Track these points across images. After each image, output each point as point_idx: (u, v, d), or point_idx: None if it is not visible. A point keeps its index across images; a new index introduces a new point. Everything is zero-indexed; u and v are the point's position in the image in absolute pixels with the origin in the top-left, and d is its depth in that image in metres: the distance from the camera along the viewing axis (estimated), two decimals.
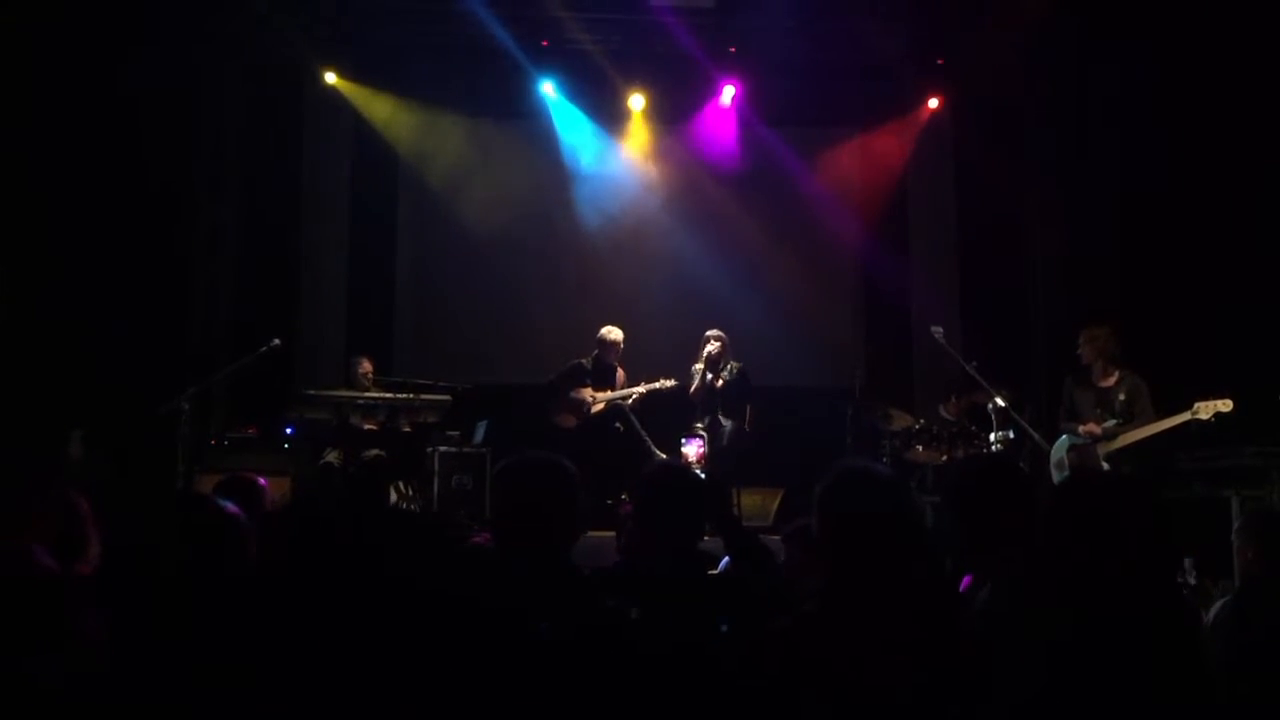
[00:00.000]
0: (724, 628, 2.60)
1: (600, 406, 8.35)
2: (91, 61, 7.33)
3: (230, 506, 2.37)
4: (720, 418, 8.20)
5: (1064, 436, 7.02)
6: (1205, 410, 6.36)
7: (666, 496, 2.96)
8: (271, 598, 2.15)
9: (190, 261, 8.72)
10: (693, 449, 8.00)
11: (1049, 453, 7.10)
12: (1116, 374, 6.88)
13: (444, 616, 2.35)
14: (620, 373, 8.51)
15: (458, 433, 8.63)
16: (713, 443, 8.08)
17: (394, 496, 8.43)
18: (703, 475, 5.79)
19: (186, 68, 8.38)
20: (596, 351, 8.47)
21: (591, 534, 5.77)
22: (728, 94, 10.02)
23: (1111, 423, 6.76)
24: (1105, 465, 6.70)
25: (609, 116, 10.27)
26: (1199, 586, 3.52)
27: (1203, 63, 7.76)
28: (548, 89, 10.01)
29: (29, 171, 7.02)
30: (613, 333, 8.46)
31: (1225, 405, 6.32)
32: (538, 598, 2.32)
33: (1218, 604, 3.35)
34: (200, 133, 8.76)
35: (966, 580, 3.00)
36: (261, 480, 3.79)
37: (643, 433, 8.20)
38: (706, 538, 3.19)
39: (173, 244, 8.35)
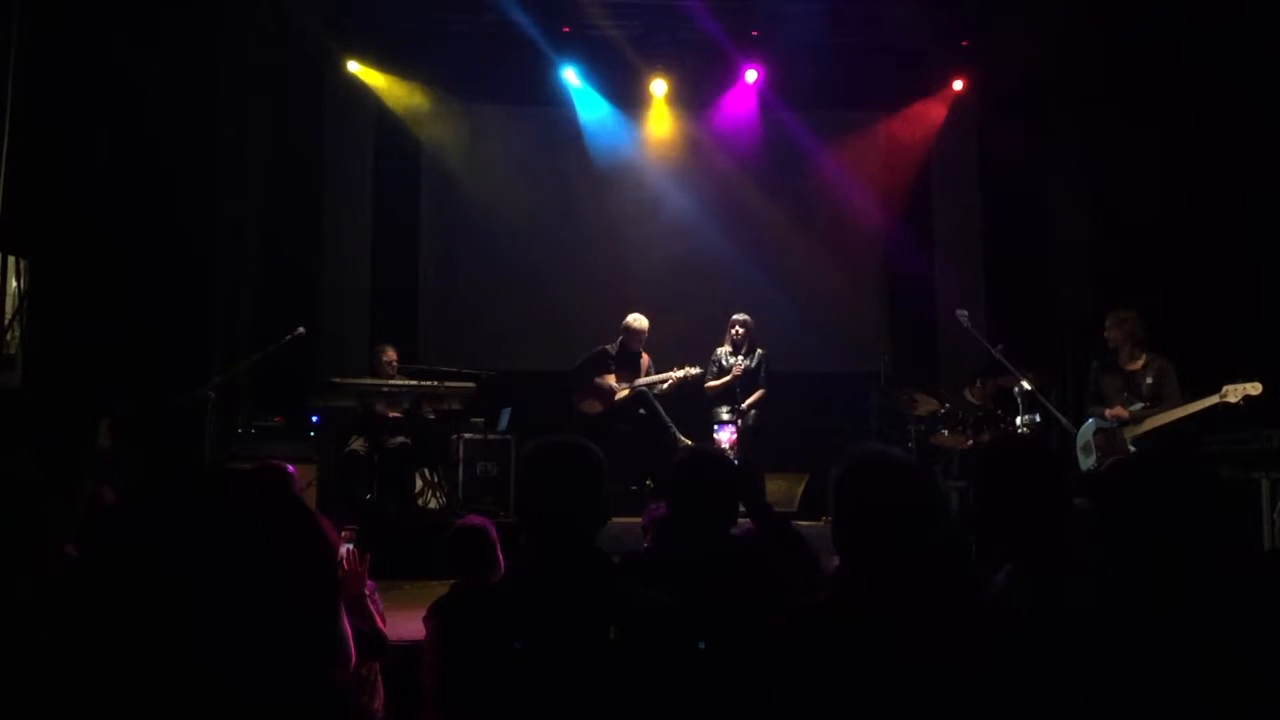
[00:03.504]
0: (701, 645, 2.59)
1: (624, 394, 8.36)
2: (112, 54, 7.36)
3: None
4: (743, 404, 8.24)
5: (1090, 420, 6.98)
6: (1234, 394, 6.31)
7: (700, 482, 2.96)
8: None
9: (215, 251, 8.75)
10: (726, 435, 8.03)
11: (1075, 437, 7.06)
12: (1144, 357, 6.83)
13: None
14: (645, 359, 8.52)
15: (482, 420, 8.67)
16: (737, 428, 8.12)
17: (419, 484, 8.48)
18: (735, 461, 5.80)
19: (208, 57, 8.39)
20: (621, 338, 8.48)
21: (616, 520, 5.78)
22: (751, 76, 9.98)
23: (1138, 406, 6.72)
24: (1132, 449, 6.66)
25: (631, 102, 10.25)
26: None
27: (1231, 42, 7.66)
28: (570, 75, 10.00)
29: (54, 165, 7.05)
30: (638, 320, 8.47)
31: (1254, 388, 6.26)
32: (566, 583, 2.32)
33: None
34: (222, 122, 8.78)
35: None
36: (290, 468, 3.81)
37: (667, 419, 8.21)
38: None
39: (197, 234, 8.37)
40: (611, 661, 2.22)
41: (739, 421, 8.15)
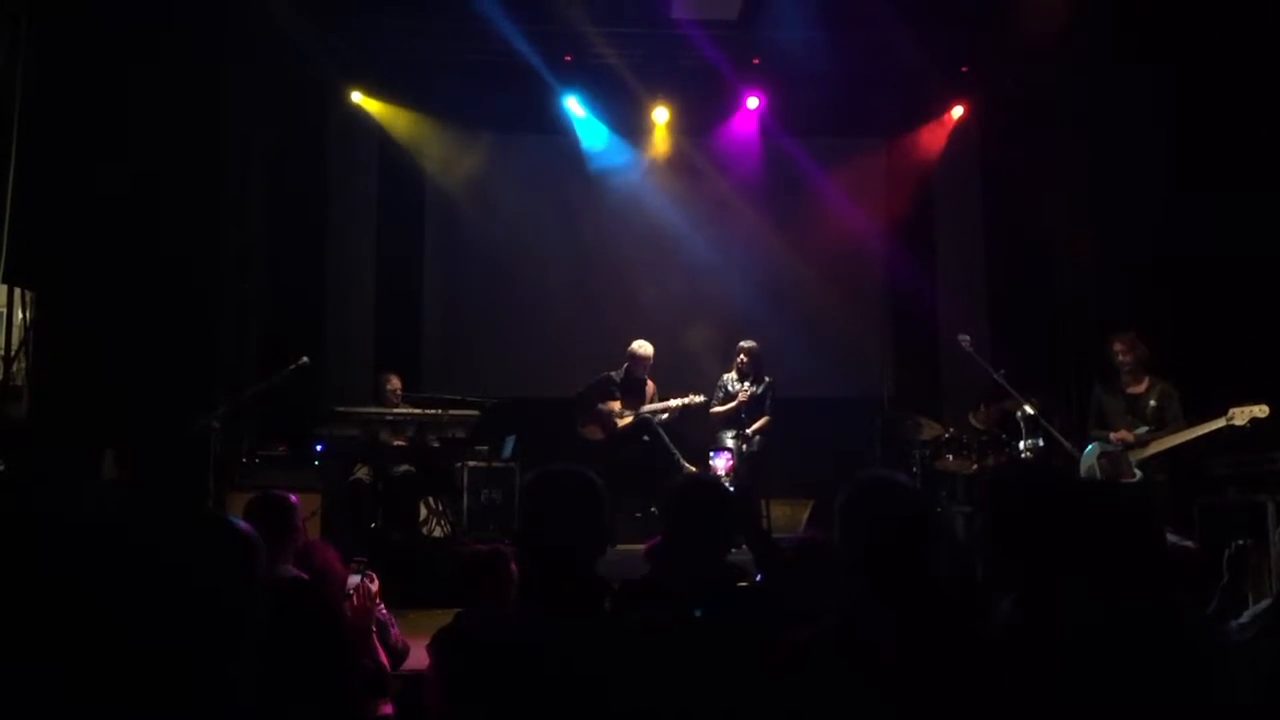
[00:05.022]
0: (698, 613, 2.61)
1: (628, 420, 8.35)
2: (116, 87, 7.41)
3: (243, 525, 2.38)
4: (748, 430, 8.22)
5: (1093, 444, 6.96)
6: (1241, 416, 6.28)
7: (695, 509, 2.95)
8: None
9: (220, 281, 8.77)
10: (721, 462, 8.02)
11: (1079, 461, 7.04)
12: (1146, 380, 6.82)
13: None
14: (650, 386, 8.52)
15: (486, 448, 8.66)
16: (739, 452, 8.10)
17: (423, 512, 8.47)
18: (731, 488, 5.80)
19: (213, 88, 8.45)
20: (627, 365, 8.48)
21: (620, 547, 5.78)
22: (752, 103, 10.04)
23: (1143, 429, 6.70)
24: (1138, 473, 6.64)
25: (633, 130, 10.30)
26: (1235, 590, 3.47)
27: (1232, 63, 7.68)
28: (572, 104, 10.06)
29: (59, 198, 7.09)
30: (643, 347, 8.47)
31: (1261, 411, 6.23)
32: (566, 613, 2.32)
33: (1254, 608, 3.31)
34: (227, 153, 8.83)
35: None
36: (293, 497, 3.80)
37: (671, 446, 8.20)
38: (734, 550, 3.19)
39: (202, 264, 8.39)
40: (610, 690, 2.22)
41: (744, 447, 8.13)
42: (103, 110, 7.35)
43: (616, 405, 8.41)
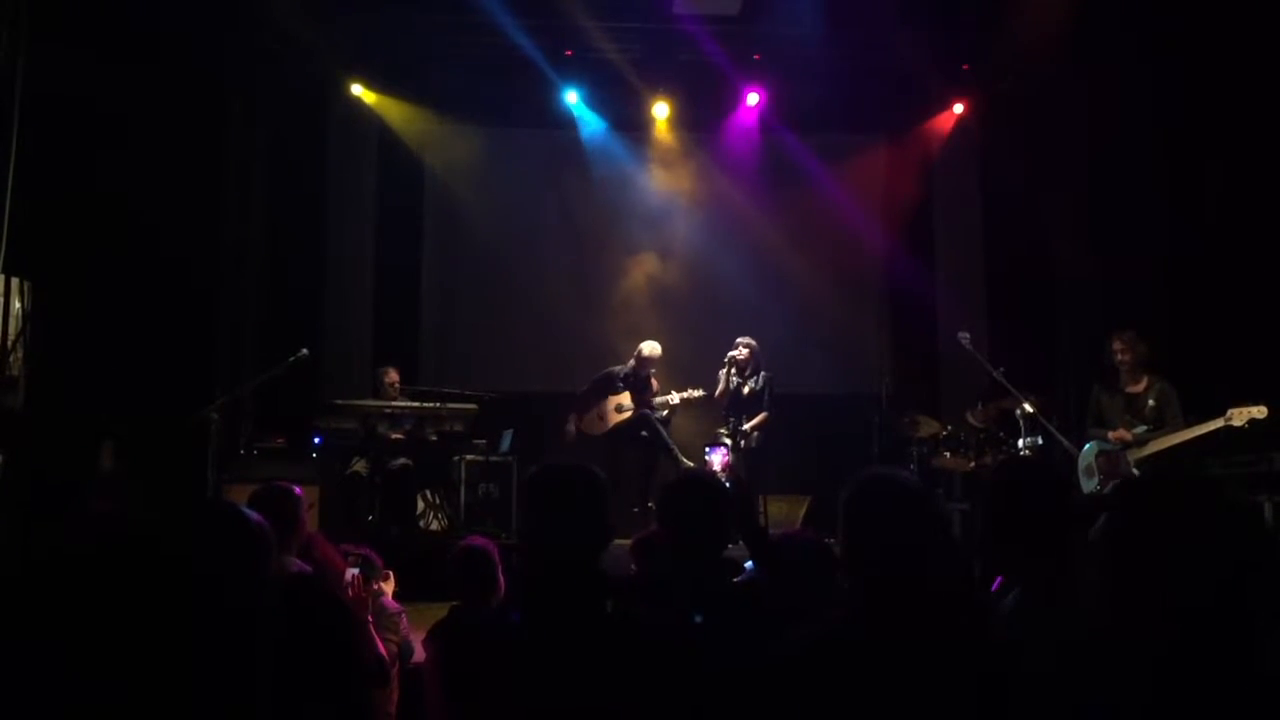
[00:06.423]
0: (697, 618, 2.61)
1: (623, 417, 8.34)
2: (119, 76, 7.39)
3: (254, 515, 2.38)
4: (745, 425, 8.22)
5: (1092, 443, 6.97)
6: (1239, 417, 6.27)
7: (692, 505, 2.95)
8: None
9: (218, 272, 8.76)
10: (718, 457, 8.02)
11: (1077, 459, 7.04)
12: (1145, 380, 6.82)
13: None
14: (654, 385, 8.52)
15: (484, 441, 8.66)
16: (737, 449, 8.10)
17: (421, 506, 8.47)
18: (728, 484, 5.80)
19: (214, 81, 8.43)
20: (634, 363, 8.47)
21: (618, 542, 5.76)
22: (752, 99, 10.03)
23: (1141, 429, 6.70)
24: (1135, 472, 6.64)
25: (634, 125, 10.28)
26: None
27: (1232, 62, 7.67)
28: (572, 98, 10.04)
29: (58, 188, 7.06)
30: (653, 348, 8.48)
31: (1260, 412, 6.22)
32: (566, 607, 2.32)
33: None
34: (227, 144, 8.81)
35: (997, 582, 2.98)
36: (297, 489, 3.80)
37: (669, 441, 8.20)
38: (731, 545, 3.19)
39: (200, 255, 8.37)
40: (611, 684, 2.21)
41: (743, 443, 8.13)
42: (102, 101, 7.33)
43: (615, 401, 8.40)
